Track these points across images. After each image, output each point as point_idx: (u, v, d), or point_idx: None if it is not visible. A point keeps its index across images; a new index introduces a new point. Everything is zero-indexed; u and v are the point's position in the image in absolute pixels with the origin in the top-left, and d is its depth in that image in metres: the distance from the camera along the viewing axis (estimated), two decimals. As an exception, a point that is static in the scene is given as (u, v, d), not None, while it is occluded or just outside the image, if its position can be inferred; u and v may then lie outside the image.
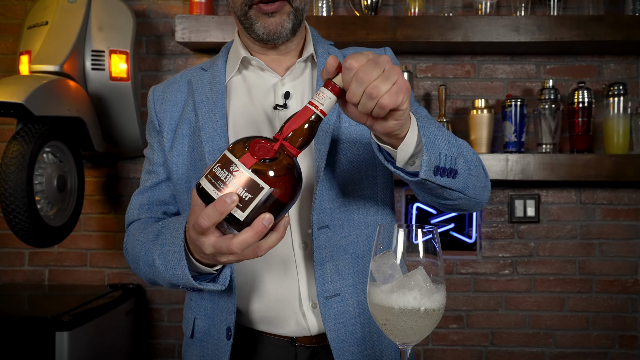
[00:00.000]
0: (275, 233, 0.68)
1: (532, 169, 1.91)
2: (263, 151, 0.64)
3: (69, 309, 1.71)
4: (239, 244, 0.64)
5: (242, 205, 0.62)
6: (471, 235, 2.12)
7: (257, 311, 0.94)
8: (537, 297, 2.12)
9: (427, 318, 0.61)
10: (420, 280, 0.61)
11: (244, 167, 0.62)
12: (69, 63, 1.79)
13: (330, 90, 0.66)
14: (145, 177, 1.03)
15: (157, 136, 1.01)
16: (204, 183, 0.65)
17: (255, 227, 0.63)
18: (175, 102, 1.00)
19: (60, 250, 2.19)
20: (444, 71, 2.13)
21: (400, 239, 0.63)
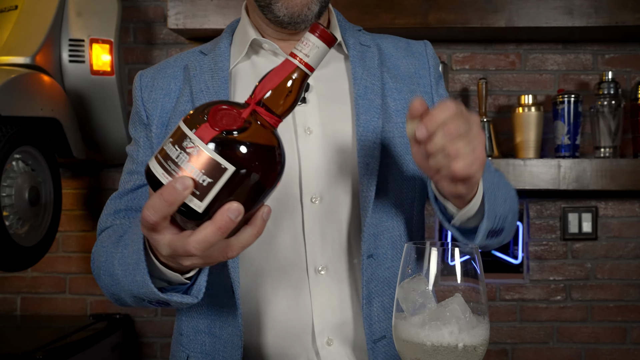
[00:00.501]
0: (250, 227, 0.59)
1: (589, 176, 1.82)
2: (227, 120, 0.56)
3: (44, 343, 1.66)
4: (198, 244, 0.57)
5: (200, 192, 0.54)
6: (517, 255, 2.01)
7: (259, 346, 0.90)
8: (594, 327, 2.03)
9: (466, 357, 0.57)
10: (457, 310, 0.58)
11: (200, 142, 0.54)
12: (43, 54, 1.70)
13: (318, 37, 0.59)
14: (126, 178, 0.97)
15: (143, 130, 0.96)
16: (152, 165, 0.57)
17: (217, 221, 0.55)
18: (167, 90, 0.96)
19: (34, 275, 2.11)
20: (485, 62, 2.04)
21: (433, 260, 0.59)
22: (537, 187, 1.80)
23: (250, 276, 0.87)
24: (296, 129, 0.89)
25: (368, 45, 0.96)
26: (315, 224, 0.88)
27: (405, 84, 0.96)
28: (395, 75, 0.95)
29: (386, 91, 0.93)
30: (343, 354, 0.88)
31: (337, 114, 0.91)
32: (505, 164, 1.80)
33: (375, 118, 0.90)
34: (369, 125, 0.89)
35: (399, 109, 0.93)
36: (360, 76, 0.91)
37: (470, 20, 1.83)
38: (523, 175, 1.80)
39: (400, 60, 0.98)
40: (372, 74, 0.92)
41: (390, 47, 0.99)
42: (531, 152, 1.89)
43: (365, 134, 0.88)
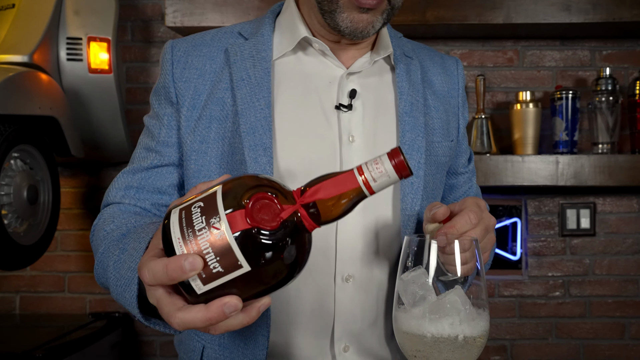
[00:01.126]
0: (242, 315, 0.55)
1: (587, 172, 1.82)
2: (265, 215, 0.51)
3: (43, 342, 1.65)
4: (182, 322, 0.53)
5: (205, 276, 0.50)
6: (515, 251, 2.01)
7: (277, 345, 0.88)
8: (593, 322, 2.02)
9: (466, 348, 0.57)
10: (457, 302, 0.57)
11: (227, 228, 0.50)
12: (40, 53, 1.69)
13: (394, 167, 0.53)
14: (142, 154, 0.91)
15: (169, 108, 0.90)
16: (173, 220, 0.53)
17: (211, 311, 0.52)
18: (202, 71, 0.89)
19: (33, 274, 2.10)
20: (483, 59, 2.03)
21: (432, 253, 0.59)
22: (535, 183, 1.80)
23: None
24: (340, 136, 0.86)
25: (411, 57, 0.94)
26: (349, 233, 0.86)
27: (441, 102, 0.95)
28: (433, 92, 0.95)
29: (427, 108, 0.92)
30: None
31: (381, 125, 0.89)
32: (503, 160, 1.80)
33: (420, 137, 0.89)
34: (414, 144, 0.88)
35: (436, 127, 0.92)
36: (406, 91, 0.90)
37: (468, 17, 1.81)
38: (521, 172, 1.80)
39: (436, 77, 0.97)
40: (416, 90, 0.91)
41: (427, 60, 0.97)
42: (529, 148, 1.88)
43: (410, 152, 0.87)
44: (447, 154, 0.94)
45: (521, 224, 2.01)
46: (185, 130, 0.87)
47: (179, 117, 0.88)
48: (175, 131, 0.89)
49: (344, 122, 0.87)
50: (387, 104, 0.91)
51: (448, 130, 0.95)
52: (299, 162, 0.84)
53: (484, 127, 1.88)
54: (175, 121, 0.89)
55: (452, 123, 0.96)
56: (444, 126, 0.94)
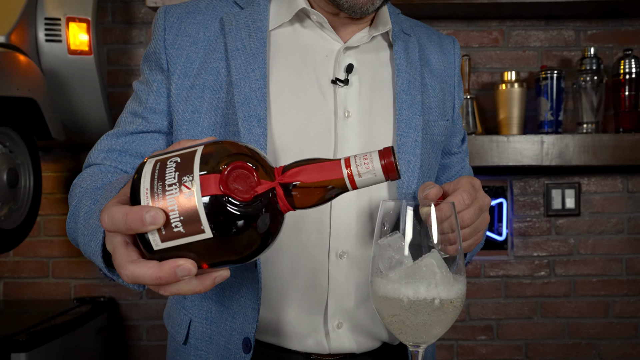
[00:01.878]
0: (195, 282, 0.53)
1: (571, 152, 1.82)
2: (240, 184, 0.49)
3: (27, 326, 1.64)
4: (132, 275, 0.51)
5: (165, 232, 0.49)
6: (501, 231, 2.01)
7: (270, 321, 0.88)
8: (578, 302, 2.04)
9: (442, 311, 0.57)
10: (433, 265, 0.57)
11: (199, 189, 0.48)
12: (18, 33, 1.66)
13: (382, 167, 0.51)
14: (128, 118, 0.89)
15: (160, 74, 0.88)
16: (146, 169, 0.51)
17: (162, 270, 0.50)
18: (195, 39, 0.87)
19: (16, 259, 2.07)
20: (468, 39, 2.02)
21: (409, 217, 0.58)
22: (520, 163, 1.80)
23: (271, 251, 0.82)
24: (336, 111, 0.85)
25: (409, 35, 0.93)
26: (344, 210, 0.85)
27: (438, 81, 0.94)
28: (430, 70, 0.94)
29: (424, 86, 0.91)
30: (351, 338, 0.87)
31: (378, 102, 0.88)
32: (488, 140, 1.80)
33: (417, 115, 0.88)
34: (411, 122, 0.87)
35: (432, 106, 0.91)
36: (404, 69, 0.89)
37: (453, -4, 1.80)
38: (506, 152, 1.80)
39: (433, 55, 0.95)
40: (414, 67, 0.90)
41: (425, 38, 0.96)
42: (514, 128, 1.88)
43: (407, 130, 0.86)
44: (442, 133, 0.94)
45: (507, 205, 2.01)
46: (177, 99, 0.86)
47: (169, 84, 0.86)
48: (165, 98, 0.87)
49: (340, 97, 0.85)
50: (385, 80, 0.90)
51: (444, 110, 0.94)
52: (294, 135, 0.83)
53: (469, 107, 1.88)
54: (165, 88, 0.87)
55: (447, 102, 0.95)
56: (440, 105, 0.93)
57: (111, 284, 2.05)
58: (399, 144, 0.86)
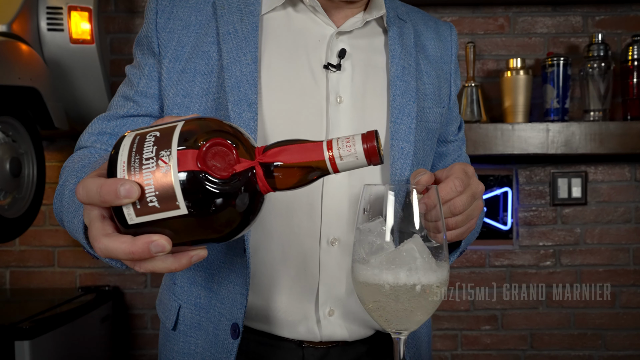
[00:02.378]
0: (171, 260, 0.52)
1: (578, 140, 1.80)
2: (218, 161, 0.48)
3: (31, 315, 1.65)
4: (105, 249, 0.51)
5: (140, 207, 0.48)
6: (506, 221, 2.00)
7: (261, 308, 0.87)
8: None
9: (423, 297, 0.56)
10: (414, 250, 0.56)
11: (175, 164, 0.47)
12: (19, 22, 1.66)
13: (364, 151, 0.50)
14: (120, 102, 0.89)
15: (151, 58, 0.87)
16: (125, 142, 0.50)
17: (136, 245, 0.49)
18: (187, 23, 0.86)
19: (22, 249, 2.09)
20: (473, 26, 2.00)
21: (390, 201, 0.57)
22: (525, 151, 1.78)
23: (261, 237, 0.84)
24: (328, 96, 0.84)
25: (404, 20, 0.92)
26: (336, 196, 0.84)
27: (433, 67, 0.93)
28: (426, 57, 0.93)
29: (419, 73, 0.90)
30: (343, 325, 0.87)
31: (371, 87, 0.87)
32: (493, 128, 1.78)
33: (411, 102, 0.86)
34: (404, 109, 0.86)
35: (427, 92, 0.90)
36: (398, 55, 0.88)
37: (457, -18, 1.79)
38: (511, 140, 1.78)
39: (429, 42, 0.95)
40: (408, 54, 0.89)
41: (421, 24, 0.95)
42: (520, 116, 1.86)
43: (400, 117, 0.85)
44: (438, 120, 0.92)
45: (512, 194, 1.99)
46: (167, 83, 0.85)
47: (160, 68, 0.85)
48: (156, 82, 0.87)
49: (332, 82, 0.84)
50: (379, 66, 0.89)
51: (439, 97, 0.93)
52: (285, 119, 0.82)
53: (473, 95, 1.86)
54: (157, 72, 0.86)
55: (443, 89, 0.94)
56: (435, 92, 0.92)
57: (116, 273, 2.07)
58: (393, 131, 0.84)
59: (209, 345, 0.86)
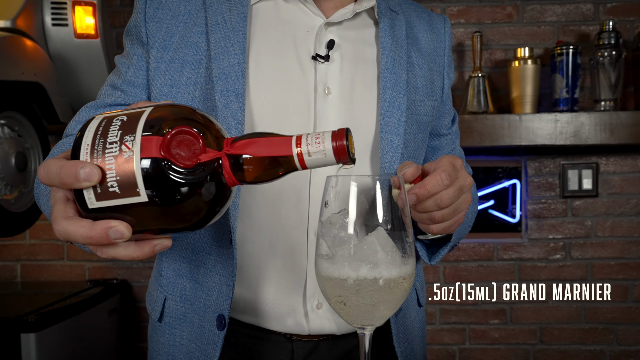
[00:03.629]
0: (133, 248, 0.52)
1: (587, 131, 1.77)
2: (183, 150, 0.47)
3: (37, 307, 1.67)
4: (63, 231, 0.50)
5: (101, 192, 0.47)
6: (515, 213, 1.96)
7: (248, 300, 0.87)
8: (595, 285, 1.98)
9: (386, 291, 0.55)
10: (375, 243, 0.54)
11: (138, 150, 0.46)
12: (24, 17, 1.67)
13: (334, 148, 0.49)
14: (108, 91, 0.89)
15: (140, 48, 0.87)
16: (93, 124, 0.49)
17: (94, 229, 0.49)
18: (176, 12, 0.86)
19: (32, 242, 2.12)
20: (480, 15, 1.96)
21: (353, 193, 0.54)
22: (533, 142, 1.75)
23: (248, 228, 0.84)
24: (316, 88, 0.84)
25: (396, 12, 0.91)
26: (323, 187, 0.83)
27: (425, 60, 0.92)
28: (418, 49, 0.92)
29: (410, 65, 0.89)
30: (331, 319, 0.86)
31: (360, 79, 0.86)
32: (500, 119, 1.75)
33: (401, 95, 0.86)
34: (394, 102, 0.85)
35: (419, 85, 0.89)
36: (389, 47, 0.87)
37: (463, -29, 1.77)
38: (519, 131, 1.75)
39: (422, 34, 0.94)
40: (399, 46, 0.88)
41: (414, 16, 0.94)
42: (528, 107, 1.83)
43: (390, 109, 0.85)
44: (430, 113, 0.91)
45: (521, 186, 1.96)
46: (155, 73, 0.84)
47: (148, 57, 0.85)
48: (144, 72, 0.86)
49: (320, 74, 0.84)
50: (369, 58, 0.88)
51: (432, 90, 0.92)
52: (272, 110, 0.82)
53: (480, 85, 1.83)
54: (145, 62, 0.86)
55: (436, 82, 0.93)
56: (427, 85, 0.91)
57: (124, 266, 2.09)
58: (382, 124, 0.84)
59: (194, 337, 0.85)
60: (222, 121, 0.79)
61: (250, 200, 0.83)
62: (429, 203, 0.69)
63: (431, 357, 2.01)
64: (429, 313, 2.00)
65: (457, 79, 1.97)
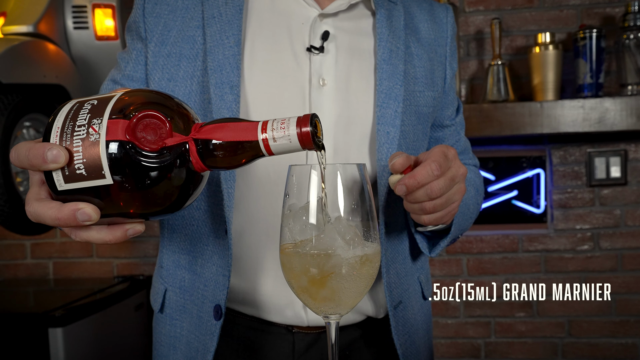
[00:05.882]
0: (106, 231, 0.53)
1: (613, 117, 1.72)
2: (148, 133, 0.48)
3: (64, 303, 1.72)
4: (34, 213, 0.52)
5: (69, 174, 0.48)
6: (539, 204, 1.93)
7: (246, 291, 0.88)
8: (625, 276, 1.93)
9: (349, 280, 0.55)
10: (336, 232, 0.54)
11: (104, 133, 0.47)
12: (46, 22, 1.73)
13: (298, 135, 0.49)
14: (109, 85, 0.91)
15: (139, 43, 0.88)
16: (65, 108, 0.50)
17: (62, 211, 0.50)
18: (174, 7, 0.87)
19: (63, 240, 2.19)
20: (499, 1, 1.93)
21: (313, 182, 0.55)
22: (556, 130, 1.71)
23: (246, 220, 0.85)
24: (310, 79, 0.84)
25: (395, 3, 0.91)
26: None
27: (426, 50, 0.92)
28: (418, 39, 0.91)
29: (409, 56, 0.89)
30: None
31: (356, 70, 0.86)
32: (520, 107, 1.72)
33: (398, 85, 0.86)
34: (391, 93, 0.85)
35: (418, 76, 0.89)
36: (385, 37, 0.87)
37: (480, -43, 1.74)
38: (540, 119, 1.71)
39: (422, 24, 0.93)
40: (397, 36, 0.88)
41: (415, 6, 0.94)
42: (550, 94, 1.78)
43: (387, 101, 0.85)
44: (430, 104, 0.91)
45: (545, 175, 1.92)
46: (153, 67, 0.86)
47: (147, 52, 0.87)
48: (143, 67, 0.88)
49: (315, 65, 0.84)
50: (365, 49, 0.88)
51: (432, 80, 0.91)
52: (267, 102, 0.83)
53: (500, 73, 1.80)
54: (144, 57, 0.87)
55: (437, 72, 0.93)
56: (427, 75, 0.90)
57: (151, 263, 2.14)
58: (379, 115, 0.84)
59: (193, 327, 0.87)
60: (217, 113, 0.80)
61: (247, 192, 0.84)
62: (420, 193, 0.69)
63: (456, 350, 1.99)
64: (452, 306, 1.98)
65: (477, 67, 1.94)
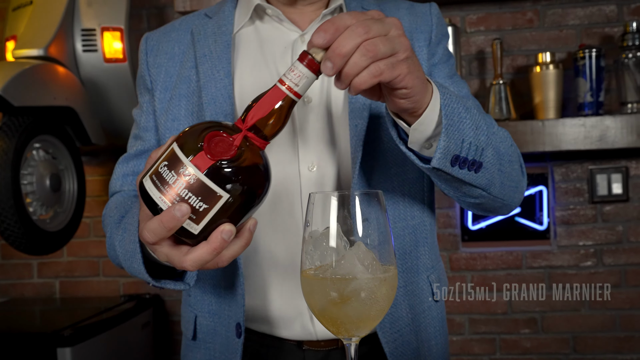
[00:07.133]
0: (239, 240, 0.62)
1: (614, 134, 1.75)
2: (221, 148, 0.58)
3: (72, 322, 1.74)
4: (194, 262, 0.60)
5: (196, 217, 0.57)
6: (542, 220, 1.95)
7: (257, 307, 0.91)
8: (629, 292, 1.94)
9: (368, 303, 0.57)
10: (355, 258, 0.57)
11: (197, 170, 0.56)
12: (56, 45, 1.77)
13: (306, 66, 0.59)
14: (132, 142, 0.98)
15: (147, 95, 0.96)
16: (148, 186, 0.59)
17: (212, 242, 0.59)
18: (172, 54, 0.95)
19: (70, 259, 2.21)
20: (500, 22, 1.97)
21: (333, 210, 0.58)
22: (558, 148, 1.73)
23: None
24: None
25: (366, 9, 0.94)
26: (311, 189, 0.87)
27: None
28: None
29: None
30: None
31: None
32: (522, 125, 1.75)
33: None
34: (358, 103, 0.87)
35: None
36: None
37: (480, -21, 1.78)
38: (542, 137, 1.74)
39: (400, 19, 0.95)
40: None
41: (392, 7, 0.96)
42: (551, 112, 1.82)
43: (354, 96, 0.87)
44: None
45: (547, 192, 1.95)
46: (160, 112, 0.92)
47: (154, 101, 0.93)
48: (152, 116, 0.94)
49: None
50: None
51: None
52: None
53: (502, 92, 1.83)
54: (152, 106, 0.94)
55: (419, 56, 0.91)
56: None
57: (157, 281, 2.15)
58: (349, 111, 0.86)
59: (223, 348, 0.90)
60: None
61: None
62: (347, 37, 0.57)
63: (461, 367, 2.01)
64: (457, 323, 2.00)
65: (479, 87, 1.98)
